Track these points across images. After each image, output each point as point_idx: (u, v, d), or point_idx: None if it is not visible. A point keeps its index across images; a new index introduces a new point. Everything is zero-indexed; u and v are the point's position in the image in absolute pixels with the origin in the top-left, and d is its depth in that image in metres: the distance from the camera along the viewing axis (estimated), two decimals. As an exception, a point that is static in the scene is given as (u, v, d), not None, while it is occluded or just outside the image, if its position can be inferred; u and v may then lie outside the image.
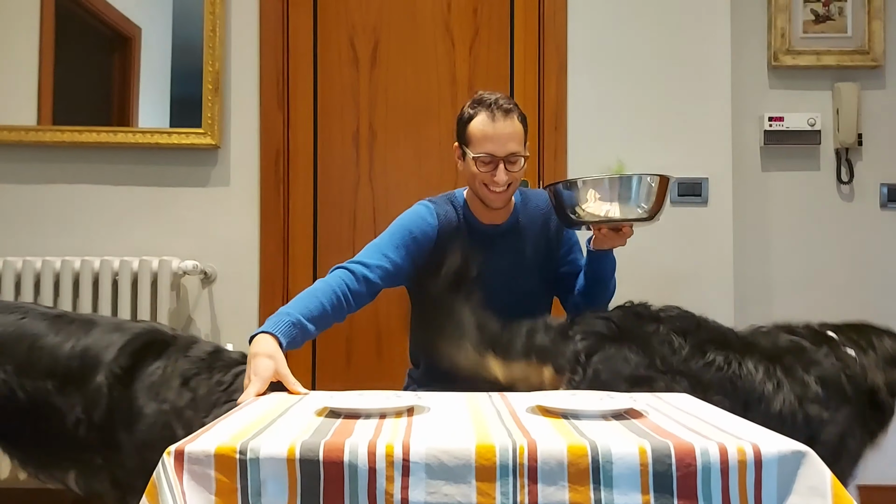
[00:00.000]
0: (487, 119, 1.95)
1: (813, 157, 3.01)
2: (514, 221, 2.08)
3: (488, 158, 1.94)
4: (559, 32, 2.88)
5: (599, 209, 1.84)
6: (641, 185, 1.83)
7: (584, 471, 1.04)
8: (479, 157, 1.95)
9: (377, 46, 2.95)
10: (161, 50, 2.90)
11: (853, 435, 1.66)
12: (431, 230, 2.01)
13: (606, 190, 1.84)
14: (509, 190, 1.98)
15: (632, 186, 1.83)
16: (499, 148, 1.94)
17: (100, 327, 1.77)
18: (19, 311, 1.76)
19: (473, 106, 1.99)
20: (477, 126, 1.96)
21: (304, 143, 2.93)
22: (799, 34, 2.99)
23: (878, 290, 2.97)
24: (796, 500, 1.05)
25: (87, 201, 2.85)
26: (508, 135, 1.95)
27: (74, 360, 1.69)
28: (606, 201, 1.83)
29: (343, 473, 1.04)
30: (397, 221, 2.03)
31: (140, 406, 1.66)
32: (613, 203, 1.83)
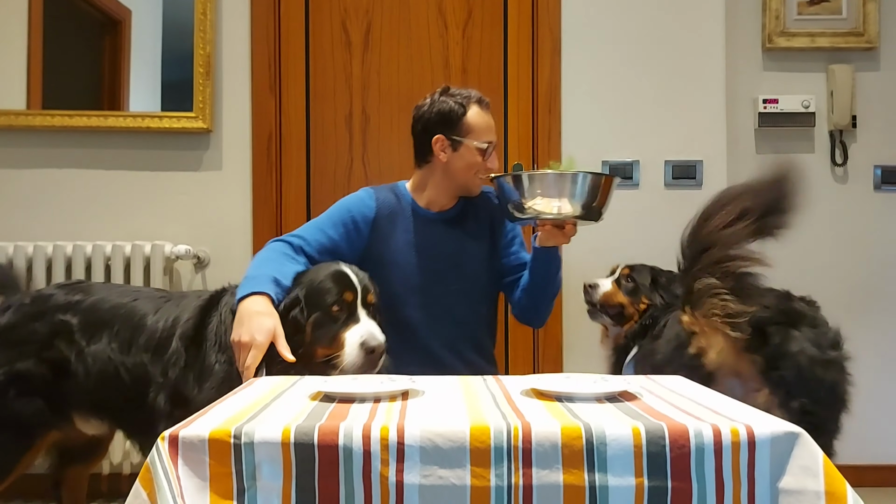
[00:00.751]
0: (483, 111, 2.08)
1: (807, 139, 3.01)
2: (460, 209, 2.13)
3: (490, 147, 2.06)
4: (553, 14, 2.86)
5: (543, 205, 1.82)
6: (586, 183, 1.81)
7: (579, 453, 1.04)
8: (484, 147, 2.05)
9: (370, 29, 2.93)
10: (152, 33, 2.87)
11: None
12: (370, 212, 2.06)
13: (551, 186, 1.82)
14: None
15: (577, 184, 1.81)
16: (495, 137, 2.09)
17: (187, 298, 1.87)
18: (134, 294, 1.87)
19: (462, 99, 2.06)
20: (476, 118, 2.05)
21: (296, 127, 2.91)
22: (793, 15, 2.98)
23: (872, 271, 2.99)
24: (789, 480, 1.06)
25: (78, 186, 2.83)
26: (494, 126, 2.11)
27: (165, 332, 1.78)
28: (550, 198, 1.82)
29: (338, 457, 1.05)
30: (338, 203, 2.09)
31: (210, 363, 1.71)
32: (557, 199, 1.82)
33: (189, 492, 1.05)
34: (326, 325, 1.66)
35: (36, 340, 1.80)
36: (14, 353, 1.80)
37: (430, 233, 2.08)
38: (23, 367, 1.78)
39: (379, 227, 2.05)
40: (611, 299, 2.30)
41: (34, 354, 1.79)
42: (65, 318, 1.81)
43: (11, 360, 1.79)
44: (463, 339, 2.09)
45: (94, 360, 1.78)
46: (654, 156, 2.86)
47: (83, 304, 1.83)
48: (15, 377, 1.79)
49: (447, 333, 2.06)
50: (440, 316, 2.05)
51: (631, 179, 2.86)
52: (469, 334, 2.10)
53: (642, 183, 2.86)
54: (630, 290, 2.28)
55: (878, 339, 2.94)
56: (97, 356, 1.78)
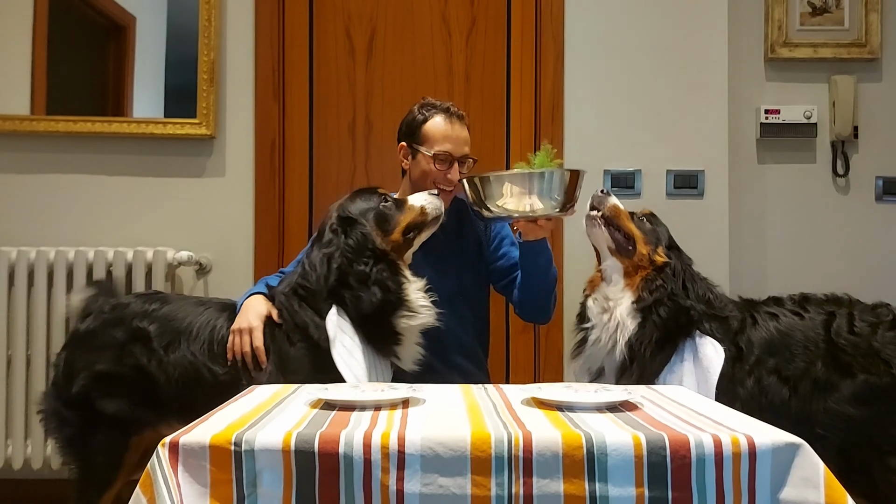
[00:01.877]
0: (445, 121, 2.09)
1: (809, 149, 3.01)
2: (445, 219, 2.10)
3: (445, 157, 2.06)
4: (556, 23, 2.87)
5: (512, 204, 1.85)
6: (553, 179, 1.83)
7: (580, 462, 1.04)
8: (438, 155, 2.06)
9: (373, 36, 2.94)
10: (156, 39, 2.88)
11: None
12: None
13: (518, 184, 1.84)
14: (454, 190, 2.10)
15: (543, 181, 1.83)
16: (456, 148, 2.08)
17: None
18: (206, 305, 2.01)
19: (427, 109, 2.11)
20: (435, 126, 2.08)
21: (299, 134, 2.92)
22: (796, 26, 2.98)
23: (874, 282, 2.98)
24: (790, 491, 1.06)
25: (81, 191, 2.84)
26: (464, 138, 2.11)
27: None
28: (518, 196, 1.84)
29: (338, 465, 1.05)
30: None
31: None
32: (526, 197, 1.84)
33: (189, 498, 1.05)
34: (389, 212, 1.89)
35: (114, 345, 1.93)
36: (94, 356, 1.93)
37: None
38: (103, 369, 1.91)
39: None
40: (621, 219, 1.94)
41: (113, 358, 1.92)
42: (142, 325, 1.93)
43: (92, 364, 1.92)
44: (448, 345, 2.08)
45: (175, 364, 1.90)
46: (655, 165, 2.87)
47: (159, 312, 1.95)
48: (96, 379, 1.92)
49: (431, 338, 2.05)
50: None
51: (633, 188, 2.86)
52: (454, 340, 2.10)
53: (644, 192, 2.86)
54: (648, 230, 1.95)
55: (879, 349, 2.93)
56: (178, 361, 1.89)
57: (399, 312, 1.80)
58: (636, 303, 1.85)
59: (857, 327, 1.93)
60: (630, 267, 1.90)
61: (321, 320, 1.78)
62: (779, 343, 1.89)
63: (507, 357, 2.90)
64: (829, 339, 1.90)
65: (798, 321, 1.93)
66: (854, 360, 1.89)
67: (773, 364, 1.87)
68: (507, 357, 2.90)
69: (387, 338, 1.82)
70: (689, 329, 1.84)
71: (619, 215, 1.93)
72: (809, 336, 1.91)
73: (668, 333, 1.83)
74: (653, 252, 1.90)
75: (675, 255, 1.93)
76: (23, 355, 2.66)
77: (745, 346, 1.88)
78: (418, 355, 1.88)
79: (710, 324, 1.86)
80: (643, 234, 1.92)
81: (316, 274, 1.82)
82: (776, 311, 1.94)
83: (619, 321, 1.85)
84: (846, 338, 1.91)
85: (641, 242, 1.90)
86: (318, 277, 1.82)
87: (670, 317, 1.83)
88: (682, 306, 1.84)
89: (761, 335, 1.90)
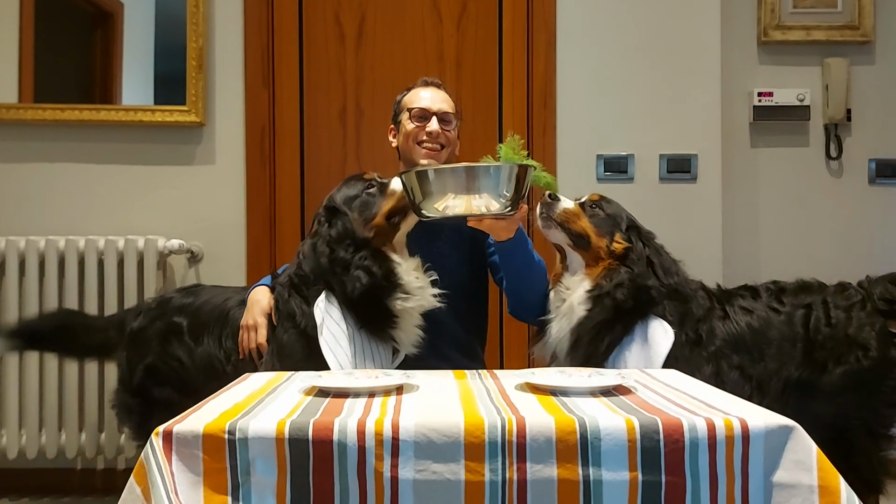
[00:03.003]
0: (420, 86, 2.15)
1: (802, 132, 3.01)
2: None
3: (421, 112, 2.08)
4: (548, 8, 2.86)
5: (452, 202, 1.64)
6: (498, 175, 1.63)
7: (573, 447, 1.04)
8: (413, 111, 2.09)
9: (363, 22, 2.91)
10: (144, 26, 2.85)
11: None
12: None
13: (459, 180, 1.63)
14: (443, 152, 2.10)
15: (488, 176, 1.63)
16: (431, 104, 2.10)
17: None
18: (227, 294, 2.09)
19: (407, 89, 2.17)
20: (411, 94, 2.14)
21: (290, 121, 2.90)
22: (789, 9, 2.97)
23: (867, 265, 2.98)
24: (783, 474, 1.06)
25: (70, 180, 2.82)
26: (441, 97, 2.12)
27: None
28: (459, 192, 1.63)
29: (332, 452, 1.04)
30: None
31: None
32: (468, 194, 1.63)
33: (183, 487, 1.05)
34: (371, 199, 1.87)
35: (157, 339, 2.07)
36: (144, 350, 2.08)
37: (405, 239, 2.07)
38: (150, 361, 2.06)
39: None
40: (573, 220, 1.90)
41: (157, 351, 2.06)
42: (177, 319, 2.06)
43: (143, 357, 2.07)
44: (442, 337, 2.05)
45: (200, 355, 2.02)
46: (648, 150, 2.86)
47: (192, 306, 2.07)
48: (148, 370, 2.07)
49: (426, 332, 2.03)
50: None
51: (626, 173, 2.86)
52: (448, 332, 2.07)
53: (637, 177, 2.86)
54: (600, 222, 1.91)
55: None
56: (202, 353, 2.02)
57: (394, 295, 1.80)
58: (590, 291, 1.83)
59: (834, 317, 1.95)
60: (590, 259, 1.89)
61: (308, 307, 1.80)
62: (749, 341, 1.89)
63: (500, 343, 2.90)
64: (808, 338, 1.91)
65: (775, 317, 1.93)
66: (832, 354, 1.90)
67: (737, 361, 1.86)
68: (500, 343, 2.90)
69: (382, 322, 1.81)
70: (648, 308, 1.82)
71: (570, 219, 1.90)
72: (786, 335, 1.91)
73: (620, 314, 1.80)
74: (609, 242, 1.88)
75: (634, 234, 1.91)
76: (15, 346, 2.65)
77: (706, 335, 1.86)
78: (418, 338, 1.87)
79: (666, 303, 1.84)
80: (596, 227, 1.89)
81: (305, 263, 1.85)
82: (749, 306, 1.94)
83: (572, 308, 1.85)
84: (824, 332, 1.92)
85: (595, 237, 1.88)
86: (306, 266, 1.84)
87: (628, 297, 1.80)
88: (642, 285, 1.82)
89: (730, 329, 1.89)
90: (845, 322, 1.94)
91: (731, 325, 1.90)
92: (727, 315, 1.92)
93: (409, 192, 1.69)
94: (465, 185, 1.63)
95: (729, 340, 1.88)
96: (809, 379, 1.89)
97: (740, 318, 1.92)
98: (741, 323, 1.91)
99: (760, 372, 1.87)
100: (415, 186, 1.66)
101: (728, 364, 1.85)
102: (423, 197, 1.65)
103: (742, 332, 1.90)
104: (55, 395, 2.65)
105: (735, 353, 1.87)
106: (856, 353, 1.91)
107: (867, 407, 1.92)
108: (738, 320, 1.92)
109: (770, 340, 1.90)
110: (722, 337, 1.88)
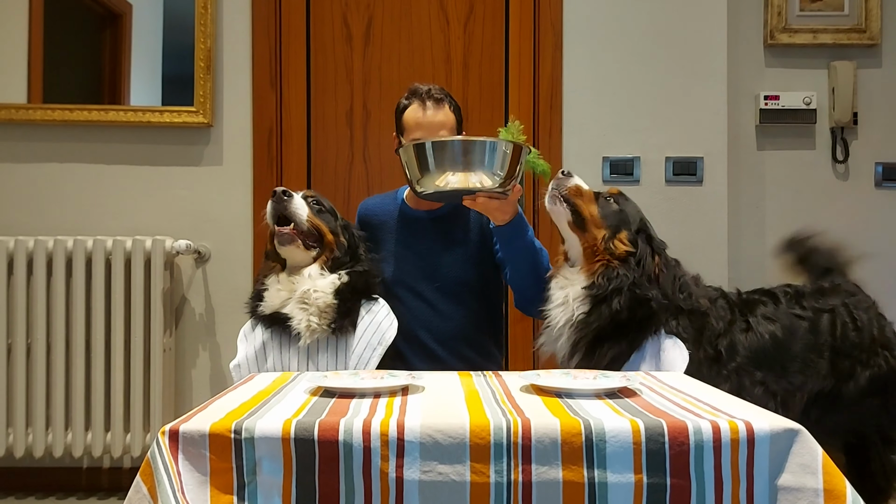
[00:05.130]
0: (419, 108, 2.06)
1: (808, 135, 3.00)
2: (453, 207, 2.10)
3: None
4: (555, 10, 2.86)
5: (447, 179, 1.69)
6: (494, 151, 1.68)
7: (578, 449, 1.04)
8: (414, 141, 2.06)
9: (371, 23, 2.92)
10: (152, 27, 2.87)
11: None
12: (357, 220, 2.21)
13: (457, 154, 1.68)
14: None
15: (483, 151, 1.67)
16: (428, 133, 2.01)
17: None
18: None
19: (408, 97, 2.11)
20: (409, 115, 2.08)
21: (297, 122, 2.91)
22: (795, 12, 2.97)
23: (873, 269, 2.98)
24: (788, 477, 1.06)
25: (78, 180, 2.83)
26: (439, 122, 2.04)
27: None
28: (454, 171, 1.69)
29: (338, 452, 1.05)
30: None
31: None
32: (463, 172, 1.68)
33: (189, 486, 1.05)
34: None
35: None
36: None
37: (414, 231, 2.11)
38: None
39: (370, 230, 2.13)
40: (580, 198, 1.84)
41: None
42: None
43: None
44: (453, 335, 2.09)
45: None
46: (655, 152, 2.86)
47: None
48: None
49: (435, 328, 2.08)
50: (424, 310, 2.08)
51: (632, 175, 2.86)
52: (458, 330, 2.10)
53: (643, 179, 2.86)
54: (609, 213, 1.82)
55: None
56: None
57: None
58: (587, 288, 1.74)
59: (858, 319, 1.89)
60: (588, 249, 1.80)
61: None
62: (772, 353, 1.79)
63: (505, 345, 2.90)
64: (835, 346, 1.83)
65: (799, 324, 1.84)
66: (858, 359, 1.85)
67: (761, 376, 1.77)
68: (505, 345, 2.90)
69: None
70: (651, 324, 1.71)
71: (577, 196, 1.83)
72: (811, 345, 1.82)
73: (622, 326, 1.71)
74: (611, 236, 1.78)
75: (643, 240, 1.80)
76: (23, 344, 2.66)
77: (726, 351, 1.75)
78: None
79: (677, 320, 1.72)
80: (602, 216, 1.81)
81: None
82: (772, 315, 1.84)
83: (569, 303, 1.77)
84: (851, 337, 1.84)
85: (595, 223, 1.80)
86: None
87: (626, 307, 1.70)
88: (641, 297, 1.70)
89: (753, 342, 1.79)
90: (868, 324, 1.89)
91: (755, 336, 1.79)
92: (749, 326, 1.81)
93: (406, 168, 1.74)
94: (462, 160, 1.67)
95: (751, 356, 1.77)
96: (834, 389, 1.82)
97: (764, 329, 1.80)
98: (765, 335, 1.80)
99: (784, 387, 1.78)
100: (412, 161, 1.71)
101: (751, 380, 1.76)
102: (421, 174, 1.70)
103: (766, 344, 1.78)
104: (62, 394, 2.66)
105: (758, 369, 1.77)
106: (884, 355, 1.88)
107: (884, 412, 1.89)
108: (762, 331, 1.80)
109: (795, 354, 1.80)
110: (744, 353, 1.77)
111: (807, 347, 1.83)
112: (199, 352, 2.85)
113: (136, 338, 2.68)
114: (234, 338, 2.81)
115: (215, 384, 2.83)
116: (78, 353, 2.66)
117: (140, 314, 2.68)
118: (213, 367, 2.85)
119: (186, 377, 2.84)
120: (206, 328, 2.85)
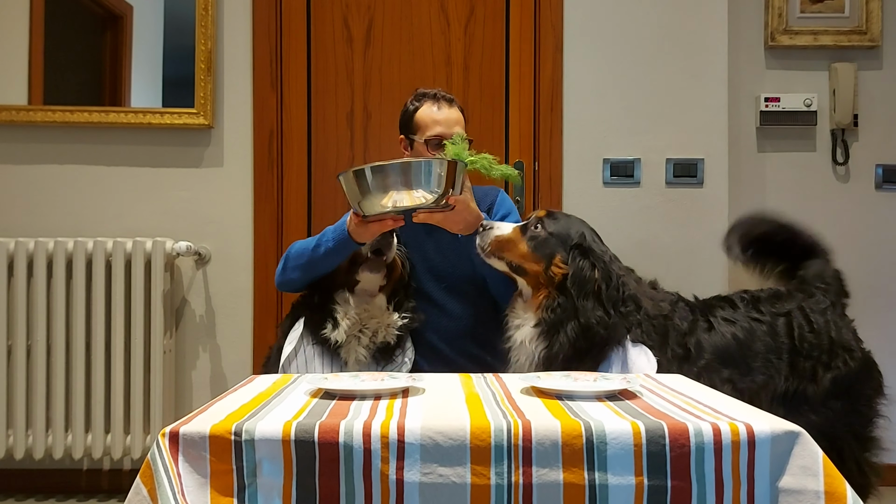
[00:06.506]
0: (433, 106, 2.12)
1: (809, 137, 3.00)
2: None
3: (437, 140, 2.07)
4: (555, 11, 2.86)
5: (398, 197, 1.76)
6: (428, 170, 1.75)
7: (579, 451, 1.04)
8: (430, 140, 2.09)
9: (371, 25, 2.92)
10: (153, 28, 2.87)
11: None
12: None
13: (394, 176, 1.74)
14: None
15: (420, 171, 1.75)
16: (446, 130, 2.08)
17: None
18: None
19: (417, 99, 2.16)
20: (424, 114, 2.12)
21: (297, 124, 2.91)
22: (796, 13, 2.97)
23: (873, 270, 2.98)
24: (789, 479, 1.06)
25: (79, 182, 2.83)
26: (455, 119, 2.12)
27: None
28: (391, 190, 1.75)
29: (338, 454, 1.05)
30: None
31: None
32: (397, 191, 1.75)
33: (189, 488, 1.05)
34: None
35: None
36: None
37: (420, 231, 2.11)
38: None
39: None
40: (507, 248, 1.83)
41: None
42: None
43: None
44: (461, 334, 2.11)
45: None
46: (655, 154, 2.86)
47: None
48: None
49: (443, 327, 2.10)
50: (432, 312, 2.10)
51: (632, 177, 2.86)
52: (467, 329, 2.12)
53: (643, 181, 2.86)
54: (540, 243, 1.80)
55: (879, 338, 2.93)
56: None
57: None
58: (537, 326, 1.76)
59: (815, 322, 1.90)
60: (532, 285, 1.81)
61: None
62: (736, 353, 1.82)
63: (506, 346, 2.90)
64: (794, 347, 1.85)
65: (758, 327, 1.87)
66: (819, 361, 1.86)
67: (728, 374, 1.79)
68: (506, 346, 2.90)
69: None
70: (610, 342, 1.71)
71: (504, 248, 1.84)
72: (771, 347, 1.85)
73: (583, 351, 1.71)
74: (547, 266, 1.77)
75: (579, 255, 1.77)
76: (23, 346, 2.66)
77: (694, 348, 1.78)
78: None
79: (641, 328, 1.73)
80: (533, 251, 1.80)
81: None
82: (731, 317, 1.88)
83: (525, 345, 1.78)
84: (809, 339, 1.87)
85: (532, 263, 1.80)
86: None
87: (577, 336, 1.70)
88: (585, 325, 1.69)
89: (717, 341, 1.82)
90: (825, 326, 1.91)
91: (718, 335, 1.83)
92: (712, 326, 1.84)
93: (347, 192, 1.81)
94: (401, 181, 1.75)
95: (717, 354, 1.80)
96: (799, 390, 1.85)
97: (725, 330, 1.84)
98: (727, 334, 1.84)
99: (749, 385, 1.81)
100: (351, 186, 1.78)
101: (719, 378, 1.78)
102: (363, 196, 1.77)
103: (729, 343, 1.82)
104: (62, 396, 2.66)
105: (724, 367, 1.80)
106: (843, 357, 1.89)
107: (853, 411, 1.90)
108: (724, 331, 1.83)
109: (757, 353, 1.83)
110: (710, 350, 1.80)
111: (767, 349, 1.86)
112: (200, 353, 2.85)
113: (137, 339, 2.67)
114: (234, 339, 2.83)
115: (215, 386, 2.83)
116: (78, 354, 2.66)
117: (140, 316, 2.68)
118: (213, 369, 2.85)
119: (187, 379, 2.84)
120: (206, 330, 2.85)
